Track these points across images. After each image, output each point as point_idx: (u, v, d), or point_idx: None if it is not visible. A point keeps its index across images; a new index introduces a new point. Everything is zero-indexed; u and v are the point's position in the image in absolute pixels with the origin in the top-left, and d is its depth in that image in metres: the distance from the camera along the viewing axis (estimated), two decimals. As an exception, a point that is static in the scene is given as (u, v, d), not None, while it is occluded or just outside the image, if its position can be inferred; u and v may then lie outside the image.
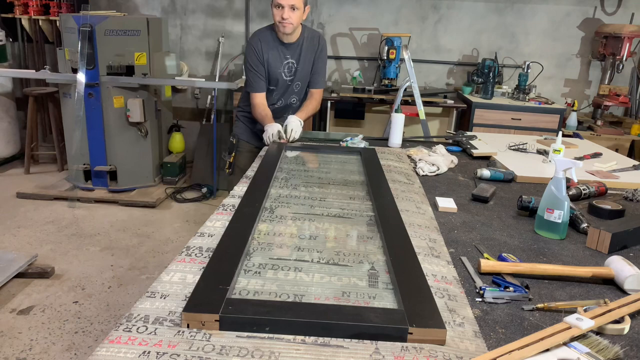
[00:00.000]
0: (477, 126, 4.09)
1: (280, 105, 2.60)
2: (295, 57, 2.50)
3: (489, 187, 1.83)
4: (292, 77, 2.53)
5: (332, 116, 4.38)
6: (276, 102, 2.58)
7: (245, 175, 1.87)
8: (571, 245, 1.43)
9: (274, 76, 2.49)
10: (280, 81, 2.52)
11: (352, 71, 4.75)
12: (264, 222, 1.43)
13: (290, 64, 2.50)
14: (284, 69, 2.49)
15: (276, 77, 2.50)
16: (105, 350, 0.86)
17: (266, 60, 2.45)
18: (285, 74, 2.50)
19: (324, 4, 4.63)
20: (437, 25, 4.61)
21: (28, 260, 2.88)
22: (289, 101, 2.61)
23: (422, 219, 1.54)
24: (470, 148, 2.40)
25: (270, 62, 2.46)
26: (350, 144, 2.38)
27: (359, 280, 1.13)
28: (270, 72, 2.48)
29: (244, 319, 0.92)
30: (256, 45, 2.44)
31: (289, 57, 2.48)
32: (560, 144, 2.20)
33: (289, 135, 2.33)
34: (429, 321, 0.93)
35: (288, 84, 2.55)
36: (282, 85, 2.54)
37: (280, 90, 2.56)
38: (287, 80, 2.53)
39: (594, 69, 4.62)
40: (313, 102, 2.59)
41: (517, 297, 1.11)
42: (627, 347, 0.94)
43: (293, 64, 2.50)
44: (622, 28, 4.05)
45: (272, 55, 2.45)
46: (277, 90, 2.55)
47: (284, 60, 2.48)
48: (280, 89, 2.55)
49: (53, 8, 4.71)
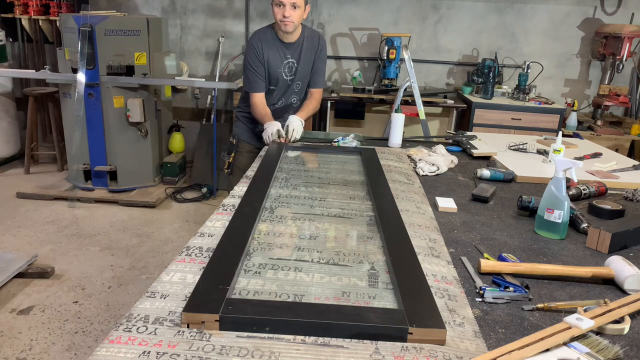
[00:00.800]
0: (477, 126, 4.09)
1: (281, 105, 2.60)
2: (296, 56, 2.49)
3: (489, 187, 1.83)
4: (292, 76, 2.53)
5: (332, 116, 4.38)
6: (277, 102, 2.58)
7: (245, 175, 1.87)
8: (571, 245, 1.43)
9: (274, 76, 2.49)
10: (281, 81, 2.52)
11: (352, 71, 4.75)
12: (264, 222, 1.43)
13: (290, 64, 2.50)
14: (285, 69, 2.49)
15: (277, 77, 2.49)
16: (105, 350, 0.86)
17: (266, 59, 2.44)
18: (285, 73, 2.50)
19: (324, 4, 4.63)
20: (437, 25, 4.61)
21: (28, 260, 2.88)
22: (289, 101, 2.61)
23: (422, 219, 1.54)
24: (470, 148, 2.40)
25: (270, 61, 2.45)
26: (342, 143, 2.38)
27: (359, 280, 1.13)
28: (271, 72, 2.47)
29: (244, 319, 0.92)
30: (256, 44, 2.43)
31: (289, 56, 2.48)
32: (560, 144, 2.20)
33: (290, 135, 2.33)
34: (429, 321, 0.93)
35: (288, 83, 2.55)
36: (282, 85, 2.54)
37: (280, 90, 2.56)
38: (288, 79, 2.53)
39: (594, 69, 4.62)
40: (313, 101, 2.58)
41: (517, 297, 1.11)
42: (627, 347, 0.94)
43: (293, 64, 2.50)
44: (622, 28, 4.05)
45: (272, 54, 2.45)
46: (278, 90, 2.55)
47: (285, 59, 2.48)
48: (281, 89, 2.55)
49: (53, 8, 4.71)
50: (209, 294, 0.99)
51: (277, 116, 2.52)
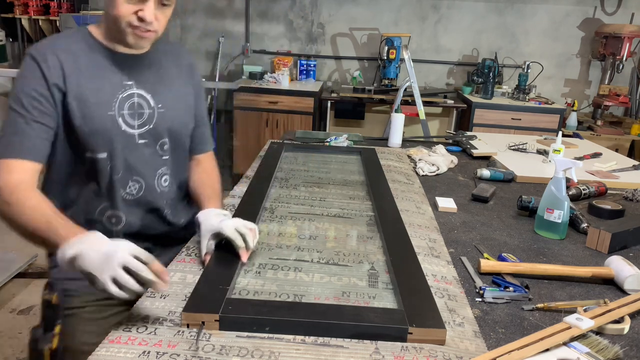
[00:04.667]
0: (477, 126, 4.08)
1: (132, 201, 1.28)
2: (146, 81, 1.26)
3: (489, 187, 1.83)
4: (145, 125, 1.25)
5: (332, 116, 4.38)
6: (114, 199, 1.25)
7: (245, 175, 1.87)
8: (571, 245, 1.43)
9: (98, 125, 1.19)
10: (119, 137, 1.21)
11: (352, 71, 4.75)
12: (264, 222, 1.43)
13: (136, 96, 1.24)
14: (124, 108, 1.22)
15: (104, 127, 1.19)
16: (105, 350, 0.86)
17: (75, 87, 1.17)
18: (126, 117, 1.22)
19: (323, 4, 4.63)
20: (437, 25, 4.61)
21: (28, 261, 2.88)
22: (156, 185, 1.30)
23: (422, 219, 1.54)
24: (470, 148, 2.40)
25: (85, 92, 1.18)
26: (334, 143, 2.38)
27: (358, 280, 1.13)
28: (87, 117, 1.18)
29: (244, 318, 0.92)
30: (50, 59, 1.16)
31: (131, 82, 1.24)
32: (560, 144, 2.20)
33: (252, 243, 1.16)
34: (429, 321, 0.93)
35: (138, 142, 1.24)
36: (123, 148, 1.23)
37: (119, 162, 1.23)
38: (135, 133, 1.24)
39: (594, 69, 4.62)
40: (213, 175, 1.47)
41: (517, 297, 1.11)
42: (627, 347, 0.94)
43: (143, 97, 1.25)
44: (622, 28, 4.05)
45: (91, 78, 1.19)
46: (113, 161, 1.22)
47: (121, 89, 1.22)
48: (120, 159, 1.22)
49: (53, 8, 4.71)
50: (209, 294, 0.99)
51: (133, 235, 1.23)
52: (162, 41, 1.32)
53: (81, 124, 1.17)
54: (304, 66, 4.59)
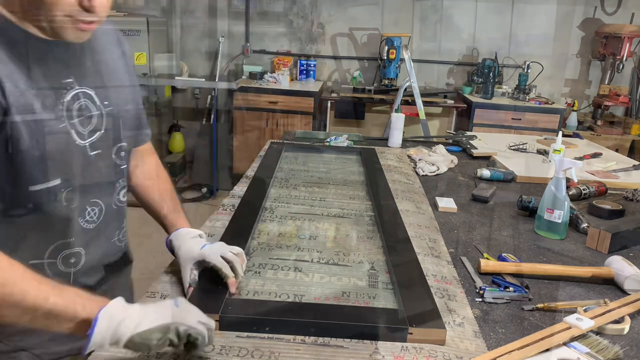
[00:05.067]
0: (477, 126, 4.09)
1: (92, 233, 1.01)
2: (85, 74, 0.95)
3: (489, 187, 1.83)
4: (96, 132, 0.96)
5: (332, 116, 4.39)
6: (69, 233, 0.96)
7: (245, 175, 1.87)
8: (571, 245, 1.43)
9: (52, 145, 0.88)
10: (74, 155, 0.93)
11: (352, 71, 4.75)
12: (264, 222, 1.43)
13: (81, 96, 0.93)
14: (72, 115, 0.91)
15: (58, 147, 0.89)
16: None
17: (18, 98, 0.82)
18: (77, 127, 0.92)
19: (323, 4, 4.62)
20: (437, 25, 4.61)
21: None
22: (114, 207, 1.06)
23: (422, 219, 1.54)
24: (470, 148, 2.40)
25: (29, 102, 0.84)
26: (334, 143, 2.38)
27: (358, 280, 1.13)
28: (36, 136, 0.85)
29: (243, 319, 0.92)
30: None
31: (71, 79, 0.91)
32: (560, 144, 2.20)
33: (240, 271, 1.04)
34: (429, 321, 0.93)
35: (90, 155, 0.95)
36: (78, 167, 0.95)
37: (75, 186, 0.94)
38: (87, 144, 0.94)
39: (594, 69, 4.62)
40: (163, 175, 1.26)
41: (517, 297, 1.11)
42: (627, 347, 0.94)
43: (88, 96, 0.94)
44: (622, 28, 4.05)
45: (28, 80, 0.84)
46: (69, 187, 0.92)
47: (63, 90, 0.90)
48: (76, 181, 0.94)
49: None
50: (209, 294, 0.99)
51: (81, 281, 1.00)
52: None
53: (29, 148, 0.84)
54: (304, 66, 4.59)
